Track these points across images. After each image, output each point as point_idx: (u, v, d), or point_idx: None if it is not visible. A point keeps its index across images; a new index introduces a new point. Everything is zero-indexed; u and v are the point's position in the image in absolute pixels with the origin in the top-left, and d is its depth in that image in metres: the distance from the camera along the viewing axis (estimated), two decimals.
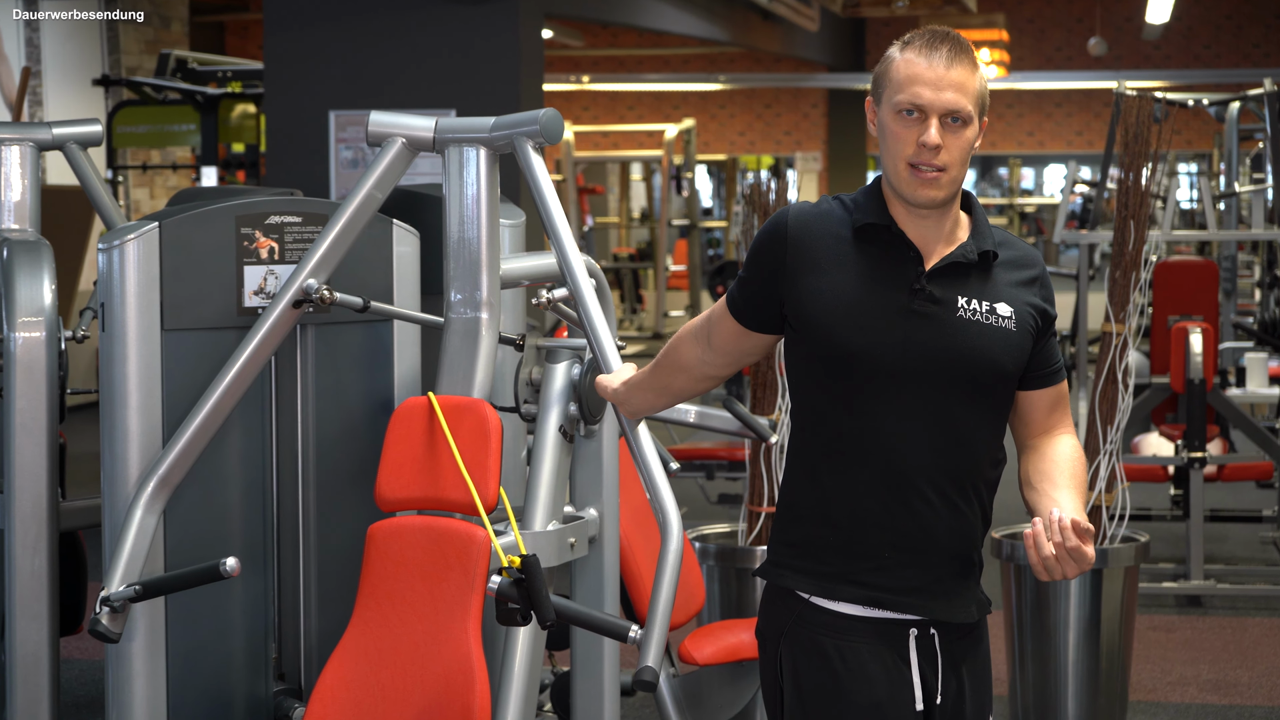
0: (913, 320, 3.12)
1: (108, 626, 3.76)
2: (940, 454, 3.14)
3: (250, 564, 4.05)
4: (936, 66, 3.10)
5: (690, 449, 9.08)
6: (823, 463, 3.17)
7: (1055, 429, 3.30)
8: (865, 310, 3.12)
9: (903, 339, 3.11)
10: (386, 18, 9.62)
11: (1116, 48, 24.00)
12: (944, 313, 3.13)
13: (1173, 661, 7.13)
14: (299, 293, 3.91)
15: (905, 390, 3.12)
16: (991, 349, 3.14)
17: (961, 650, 3.23)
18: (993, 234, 3.22)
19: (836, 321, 3.13)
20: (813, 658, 3.18)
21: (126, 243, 3.91)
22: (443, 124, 3.99)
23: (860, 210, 3.19)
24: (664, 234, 21.24)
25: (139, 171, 15.54)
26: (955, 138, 3.11)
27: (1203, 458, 8.05)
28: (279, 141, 9.86)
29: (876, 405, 3.12)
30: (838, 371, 3.14)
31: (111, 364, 3.93)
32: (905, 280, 3.14)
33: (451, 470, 3.73)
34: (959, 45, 3.13)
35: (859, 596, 3.15)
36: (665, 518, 3.55)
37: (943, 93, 3.09)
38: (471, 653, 3.60)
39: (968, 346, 3.13)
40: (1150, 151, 6.34)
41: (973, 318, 3.15)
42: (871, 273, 3.14)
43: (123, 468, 3.92)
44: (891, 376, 3.12)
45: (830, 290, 3.13)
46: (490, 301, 3.95)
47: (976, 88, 3.13)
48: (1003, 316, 3.16)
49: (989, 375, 3.15)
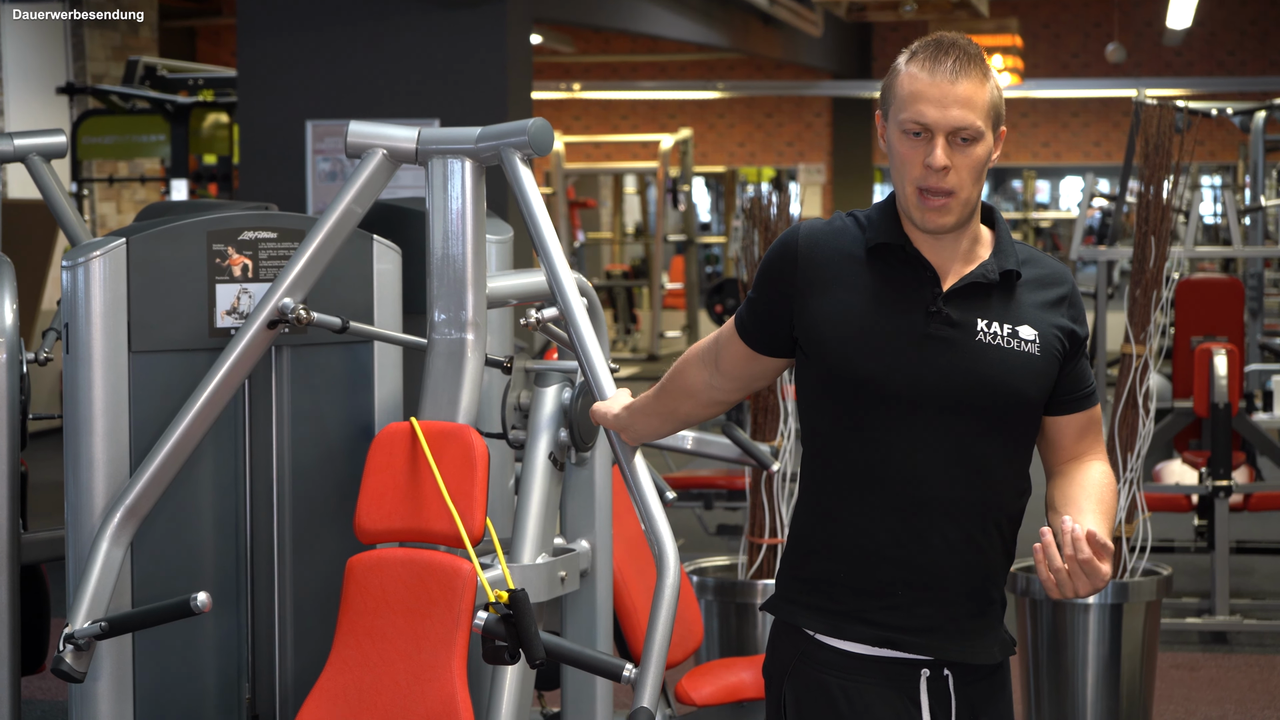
0: (929, 344, 3.09)
1: (72, 665, 3.75)
2: (958, 485, 3.10)
3: (222, 599, 4.04)
4: (941, 81, 3.05)
5: (688, 477, 9.07)
6: (834, 494, 3.16)
7: (1086, 455, 3.26)
8: (879, 333, 3.10)
9: (918, 364, 3.09)
10: (367, 22, 9.63)
11: (1136, 54, 24.05)
12: (962, 336, 3.10)
13: (1197, 702, 7.13)
14: (274, 312, 3.91)
15: (920, 418, 3.10)
16: (1013, 375, 3.11)
17: (979, 694, 3.20)
18: (1017, 250, 3.18)
19: (848, 345, 3.11)
20: (817, 698, 3.17)
21: (92, 260, 3.90)
22: (426, 134, 3.99)
23: (873, 228, 3.16)
24: (659, 250, 21.26)
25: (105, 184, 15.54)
26: (964, 157, 3.07)
27: (1228, 486, 8.05)
28: (253, 153, 9.87)
29: (890, 433, 3.10)
30: (849, 397, 3.12)
31: (76, 388, 3.92)
32: (921, 302, 3.11)
33: (435, 500, 3.73)
34: (966, 55, 3.07)
35: (870, 636, 3.13)
36: (661, 550, 3.55)
37: (948, 110, 3.04)
38: (456, 693, 3.60)
39: (987, 372, 3.10)
40: (1172, 163, 6.36)
41: (993, 341, 3.11)
42: (885, 294, 3.12)
43: (88, 497, 3.91)
44: (906, 404, 3.09)
45: (842, 312, 3.12)
46: (476, 322, 3.95)
47: (987, 100, 3.07)
48: (1026, 340, 3.12)
49: (1010, 403, 3.12)
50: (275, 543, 4.13)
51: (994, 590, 3.18)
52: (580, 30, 22.30)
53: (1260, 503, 8.67)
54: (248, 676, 4.13)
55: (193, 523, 4.03)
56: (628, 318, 21.88)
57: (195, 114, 12.83)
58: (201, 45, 23.96)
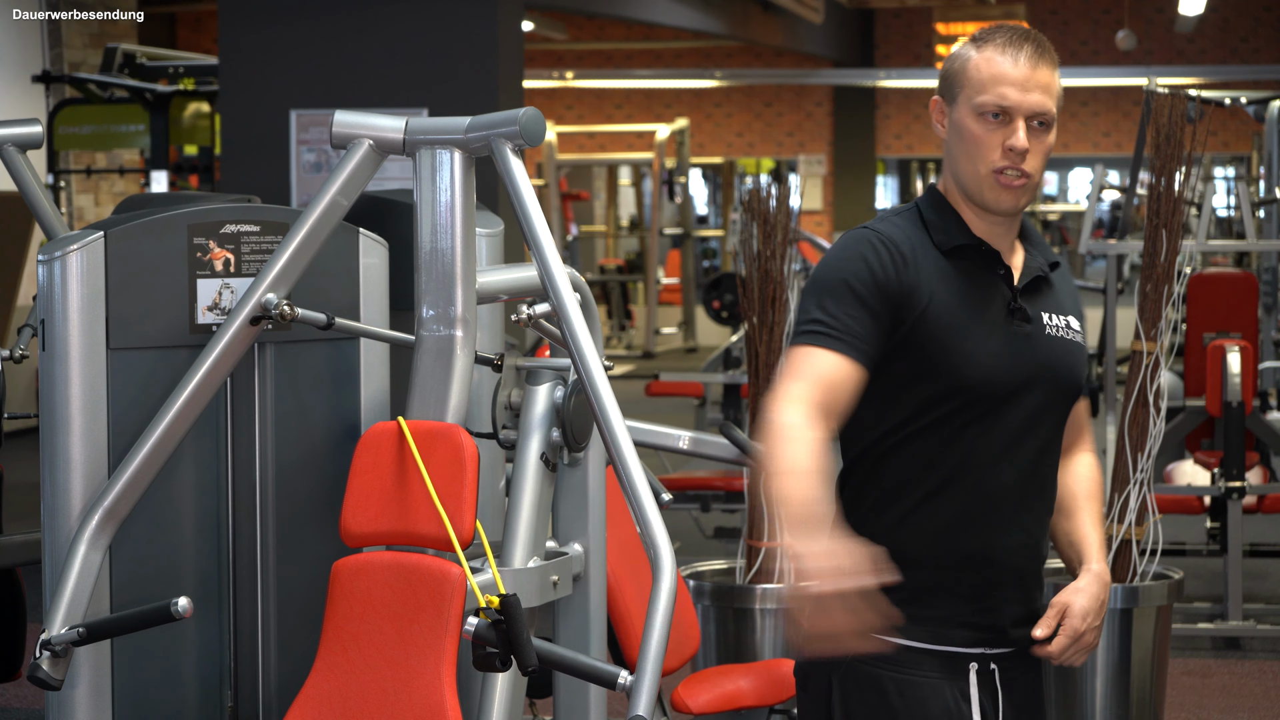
0: (1016, 341, 3.26)
1: (48, 672, 3.76)
2: (1035, 479, 3.30)
3: (204, 604, 4.04)
4: (1021, 66, 3.19)
5: (684, 478, 9.08)
6: (923, 499, 3.24)
7: (1077, 446, 3.51)
8: (973, 332, 3.22)
9: (1010, 362, 3.25)
10: (353, 8, 9.63)
11: (1147, 41, 24.06)
12: (1037, 331, 3.29)
13: (1209, 709, 7.14)
14: (257, 308, 3.91)
15: (1010, 415, 3.25)
16: (1076, 364, 3.34)
17: (1022, 680, 3.36)
18: (1039, 238, 3.38)
19: (953, 346, 3.20)
20: (869, 693, 3.24)
21: (69, 254, 3.90)
22: (413, 124, 3.99)
23: (939, 230, 3.25)
24: (655, 244, 21.26)
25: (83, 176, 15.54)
26: (1040, 142, 3.21)
27: (1241, 487, 8.06)
28: (235, 143, 9.86)
29: (982, 433, 3.23)
30: (945, 399, 3.20)
31: (53, 386, 3.92)
32: (1000, 299, 3.27)
33: (423, 502, 3.73)
34: (1041, 44, 3.22)
35: (970, 639, 3.27)
36: (657, 553, 3.55)
37: (1030, 94, 3.18)
38: (445, 701, 3.60)
39: (1062, 365, 3.31)
40: (1184, 154, 6.36)
41: (1058, 335, 3.32)
42: (971, 293, 3.25)
43: (65, 499, 3.91)
44: (999, 401, 3.23)
45: (942, 311, 3.20)
46: (465, 318, 3.96)
47: (1059, 90, 3.24)
48: (1075, 330, 3.35)
49: (1075, 391, 3.36)
50: (258, 546, 4.13)
51: (1046, 553, 3.42)
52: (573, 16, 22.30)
53: (1274, 504, 8.68)
54: (230, 684, 4.13)
55: (173, 525, 4.03)
56: (622, 314, 21.90)
57: (175, 103, 12.83)
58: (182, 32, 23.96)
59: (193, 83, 13.38)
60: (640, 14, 14.90)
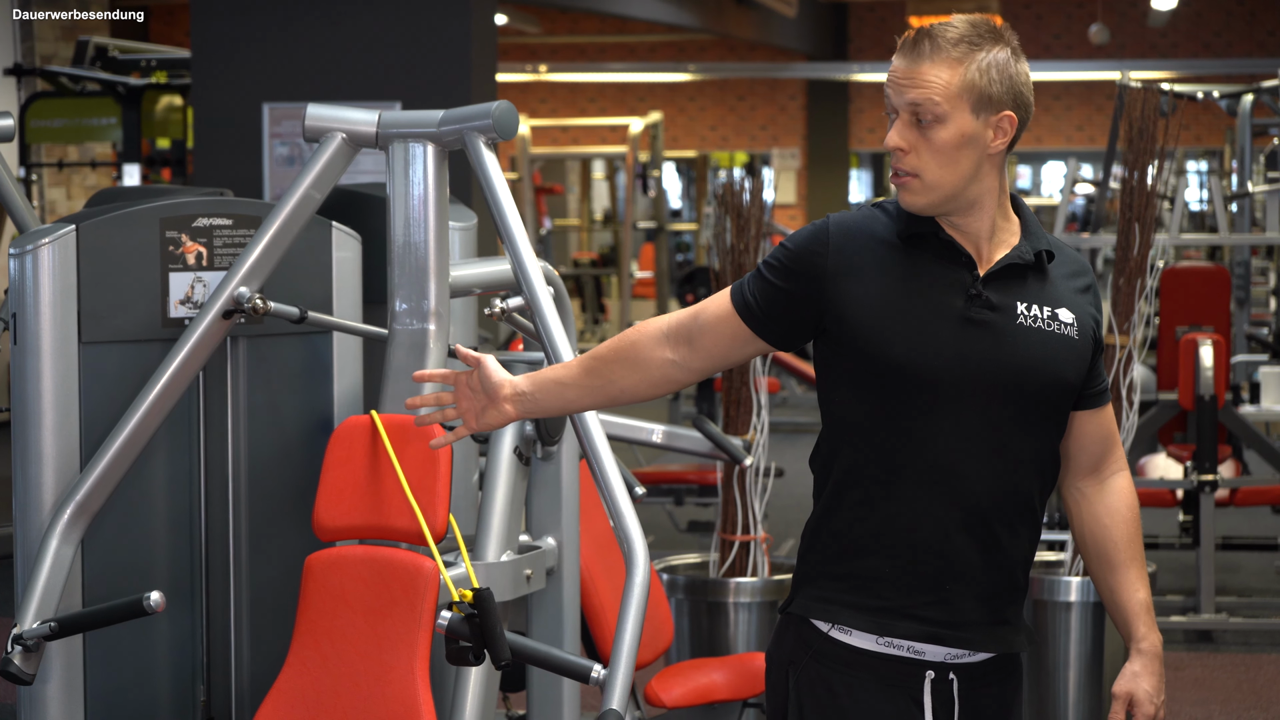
0: (970, 329, 3.14)
1: (20, 667, 3.75)
2: (1000, 475, 3.16)
3: (176, 598, 4.04)
4: (906, 64, 3.12)
5: (657, 472, 9.08)
6: (872, 487, 3.18)
7: (1107, 464, 3.36)
8: (917, 318, 3.14)
9: (960, 350, 3.13)
10: (326, 1, 9.62)
11: (1120, 35, 24.09)
12: (1003, 320, 3.16)
13: (1181, 702, 7.15)
14: (229, 302, 3.91)
15: (964, 406, 3.14)
16: (1055, 359, 3.18)
17: (988, 701, 3.26)
18: (1045, 235, 3.25)
19: (886, 331, 3.13)
20: (820, 694, 3.19)
21: (40, 247, 3.90)
22: (386, 118, 3.99)
23: (903, 217, 3.20)
24: (629, 237, 21.25)
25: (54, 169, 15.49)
26: (925, 139, 3.12)
27: (1214, 481, 8.08)
28: (208, 137, 9.84)
29: (932, 422, 3.14)
30: (888, 386, 3.14)
31: (24, 380, 3.92)
32: (960, 286, 3.16)
33: (396, 496, 3.73)
34: (941, 40, 3.12)
35: (917, 632, 3.17)
36: (630, 547, 3.55)
37: (905, 91, 3.11)
38: (418, 695, 3.60)
39: (1031, 356, 3.16)
40: (1156, 148, 6.37)
41: (1034, 325, 3.18)
42: (922, 280, 3.16)
43: (36, 493, 3.91)
44: (949, 391, 3.13)
45: (879, 297, 3.15)
46: (439, 311, 3.95)
47: (959, 81, 3.10)
48: (1065, 323, 3.20)
49: (1052, 387, 3.19)
50: (231, 540, 4.12)
51: (1023, 577, 3.26)
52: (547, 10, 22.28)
53: (1246, 498, 8.70)
54: (203, 678, 4.13)
55: (146, 519, 4.03)
56: (596, 307, 21.88)
57: (148, 96, 12.79)
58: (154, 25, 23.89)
59: (165, 76, 13.34)
60: (614, 8, 14.89)
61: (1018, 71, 3.18)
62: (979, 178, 3.16)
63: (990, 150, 3.15)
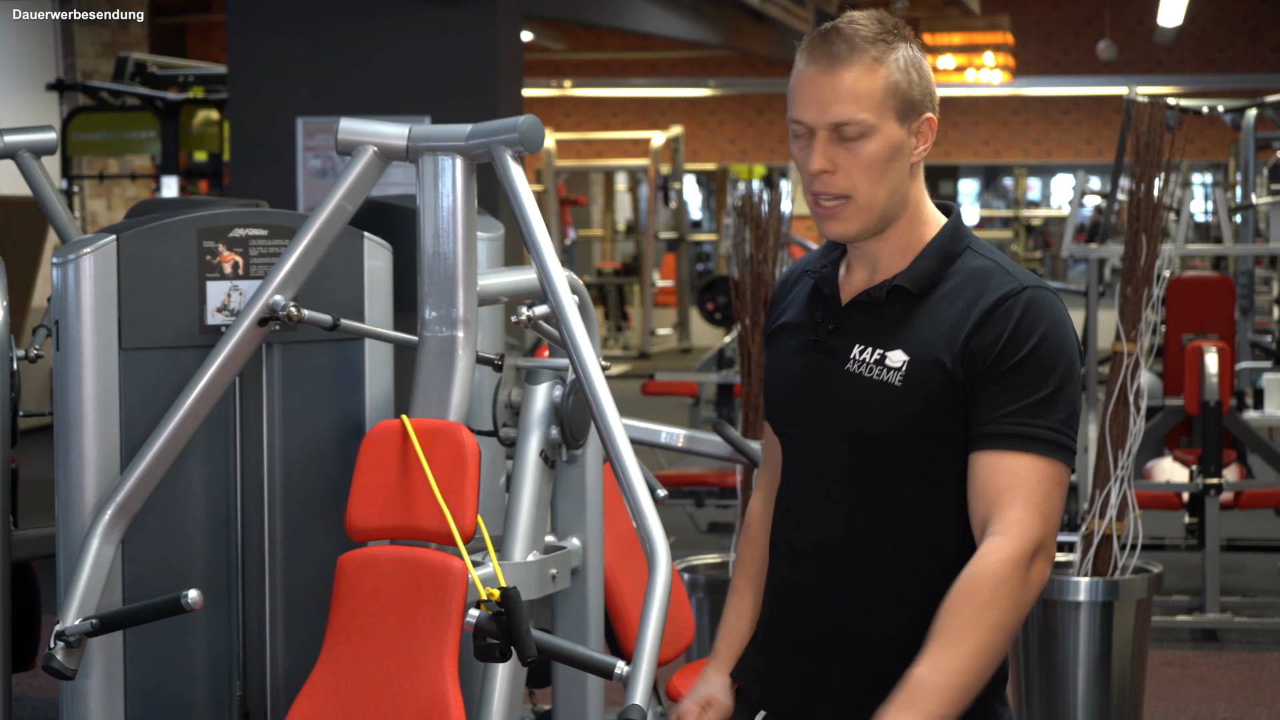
0: (808, 375, 2.84)
1: (63, 662, 3.75)
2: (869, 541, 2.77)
3: (213, 596, 4.04)
4: (817, 73, 2.72)
5: (679, 475, 9.08)
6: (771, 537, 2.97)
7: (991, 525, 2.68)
8: (780, 365, 2.89)
9: (798, 397, 2.85)
10: (357, 19, 9.63)
11: (1127, 52, 24.06)
12: (834, 365, 2.80)
13: (1187, 699, 7.14)
14: (265, 310, 3.91)
15: (803, 453, 2.86)
16: (863, 408, 2.76)
17: None
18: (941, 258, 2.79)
19: (770, 376, 2.91)
20: None
21: (82, 257, 3.90)
22: (416, 132, 3.99)
23: (823, 250, 2.93)
24: (650, 248, 21.26)
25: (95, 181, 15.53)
26: (853, 155, 2.73)
27: (1219, 484, 8.06)
28: (244, 150, 9.86)
29: (788, 472, 2.90)
30: (772, 433, 2.97)
31: (66, 385, 3.92)
32: (816, 325, 2.86)
33: (426, 497, 3.73)
34: (851, 41, 2.72)
35: (759, 698, 2.93)
36: (652, 547, 3.55)
37: (827, 108, 2.72)
38: (447, 690, 3.60)
39: (849, 405, 2.77)
40: (1163, 161, 6.36)
41: (857, 370, 2.77)
42: (806, 317, 2.88)
43: (78, 494, 3.91)
44: (794, 440, 2.88)
45: (778, 337, 2.94)
46: (467, 319, 3.95)
47: (879, 88, 2.72)
48: (890, 368, 2.73)
49: (864, 440, 2.75)
50: (266, 540, 4.13)
51: (893, 663, 2.73)
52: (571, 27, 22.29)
53: (1250, 500, 8.68)
54: (239, 673, 4.13)
55: (184, 520, 4.03)
56: (619, 315, 21.89)
57: (185, 111, 12.83)
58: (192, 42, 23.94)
59: (202, 91, 13.38)
60: (636, 24, 14.88)
61: (928, 70, 2.82)
62: (905, 194, 2.81)
63: (914, 159, 2.80)
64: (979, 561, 2.64)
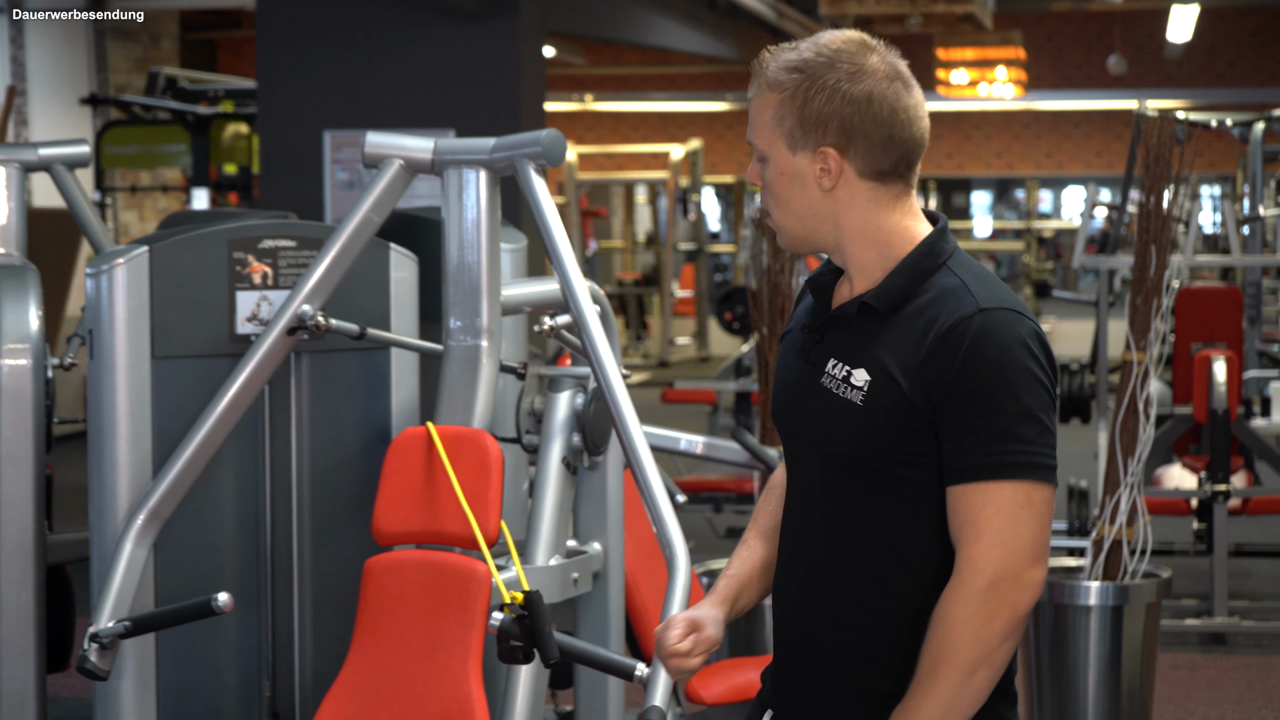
0: (793, 387, 2.81)
1: (96, 663, 3.76)
2: (842, 555, 2.73)
3: (243, 599, 4.05)
4: (750, 93, 2.77)
5: (697, 481, 9.08)
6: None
7: (958, 557, 2.64)
8: (786, 368, 2.85)
9: (786, 409, 2.82)
10: (383, 35, 9.65)
11: (1137, 66, 24.02)
12: (815, 377, 2.75)
13: (1196, 702, 7.12)
14: (293, 319, 3.92)
15: (792, 468, 2.83)
16: (830, 426, 2.71)
17: None
18: (913, 275, 2.70)
19: (774, 378, 2.89)
20: None
21: (115, 267, 3.92)
22: (441, 145, 4.00)
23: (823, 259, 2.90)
24: (670, 259, 21.25)
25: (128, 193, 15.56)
26: (765, 178, 2.75)
27: (1227, 490, 8.05)
28: (272, 163, 9.88)
29: (789, 472, 2.86)
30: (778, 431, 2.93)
31: (100, 392, 3.93)
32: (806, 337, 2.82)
33: (451, 503, 3.73)
34: (762, 70, 2.74)
35: (768, 696, 2.91)
36: (672, 552, 3.55)
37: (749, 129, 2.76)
38: (472, 692, 3.60)
39: (819, 421, 2.73)
40: (1172, 173, 6.35)
41: (828, 385, 2.71)
42: (801, 327, 2.84)
43: (111, 499, 3.92)
44: (787, 442, 2.84)
45: (783, 345, 2.92)
46: (491, 328, 3.96)
47: (769, 117, 2.72)
48: (854, 386, 2.67)
49: (832, 457, 2.71)
50: (295, 544, 4.13)
51: (877, 677, 2.73)
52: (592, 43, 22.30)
53: (1258, 507, 8.66)
54: (268, 674, 4.14)
55: (214, 524, 4.04)
56: (639, 324, 21.89)
57: (216, 124, 12.85)
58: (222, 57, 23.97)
59: (232, 105, 13.41)
60: (656, 40, 14.89)
61: (850, 96, 2.68)
62: (829, 219, 2.73)
63: (828, 187, 2.70)
64: (939, 605, 2.63)
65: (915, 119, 2.72)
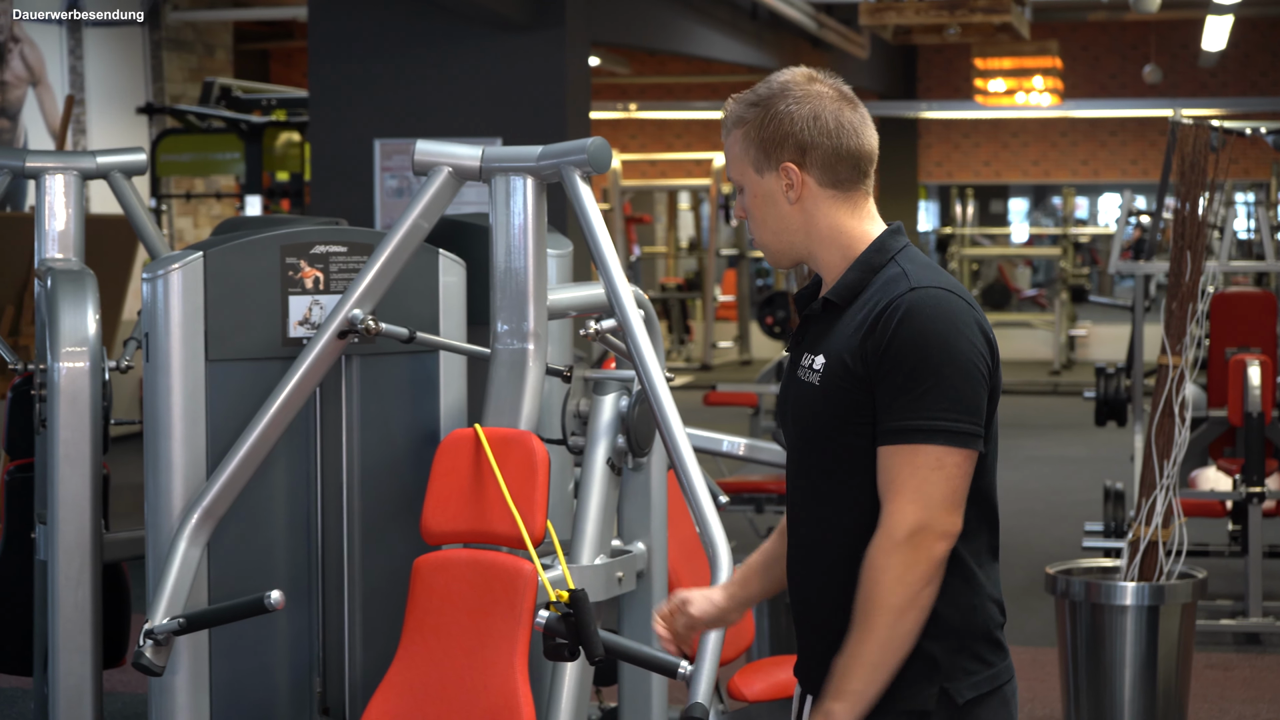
0: (786, 385, 3.06)
1: (151, 659, 3.78)
2: (815, 522, 2.96)
3: (294, 597, 4.06)
4: None
5: (739, 482, 9.06)
6: None
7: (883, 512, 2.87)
8: (787, 369, 3.09)
9: (780, 404, 3.10)
10: (432, 45, 9.66)
11: (1172, 75, 23.93)
12: (795, 373, 3.01)
13: (1231, 700, 7.09)
14: (344, 323, 3.93)
15: (788, 457, 3.06)
16: (800, 407, 2.97)
17: None
18: (864, 270, 2.94)
19: None
20: None
21: (171, 272, 3.93)
22: (489, 153, 4.00)
23: None
24: (712, 264, 21.25)
25: (183, 200, 15.61)
26: (746, 206, 3.04)
27: (1261, 492, 8.01)
28: (324, 170, 9.91)
29: (786, 472, 3.09)
30: None
31: (155, 394, 3.94)
32: None
33: (498, 503, 3.73)
34: (727, 114, 3.04)
35: (798, 665, 3.09)
36: (714, 551, 3.54)
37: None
38: (518, 688, 3.60)
39: (793, 404, 3.00)
40: (1207, 181, 6.33)
41: (800, 375, 2.98)
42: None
43: (166, 499, 3.93)
44: (784, 443, 3.09)
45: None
46: (537, 332, 3.96)
47: (737, 150, 3.02)
48: (814, 370, 2.93)
49: (806, 437, 2.96)
50: (345, 543, 4.14)
51: (838, 639, 2.91)
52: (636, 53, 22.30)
53: None
54: (319, 671, 4.14)
55: (266, 524, 4.05)
56: (682, 329, 21.88)
57: (268, 133, 12.88)
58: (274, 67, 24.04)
59: (284, 114, 13.43)
60: (699, 50, 14.88)
61: (799, 116, 2.97)
62: (800, 229, 3.00)
63: (795, 198, 2.98)
64: (866, 556, 2.85)
65: (859, 131, 3.04)
